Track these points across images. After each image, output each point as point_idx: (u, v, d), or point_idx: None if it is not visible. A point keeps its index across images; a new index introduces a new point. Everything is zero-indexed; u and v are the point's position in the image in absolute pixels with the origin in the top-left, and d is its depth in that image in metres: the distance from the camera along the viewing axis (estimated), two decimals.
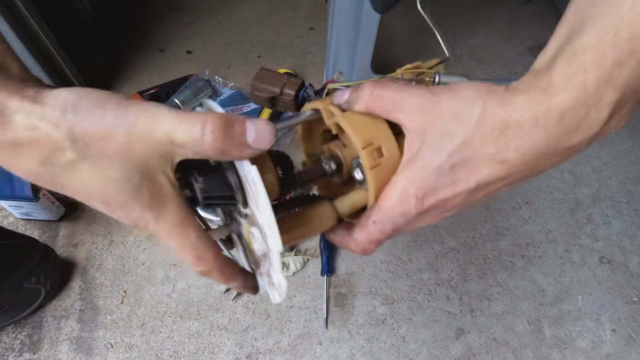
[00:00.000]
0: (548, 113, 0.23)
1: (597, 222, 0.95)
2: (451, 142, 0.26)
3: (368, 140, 0.29)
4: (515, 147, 0.24)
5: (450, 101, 0.26)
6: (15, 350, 0.76)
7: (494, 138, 0.25)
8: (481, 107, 0.25)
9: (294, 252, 0.88)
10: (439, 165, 0.26)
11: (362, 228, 0.30)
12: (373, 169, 0.29)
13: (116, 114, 0.23)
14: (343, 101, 0.30)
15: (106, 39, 1.31)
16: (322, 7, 1.43)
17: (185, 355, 0.76)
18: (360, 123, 0.29)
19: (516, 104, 0.24)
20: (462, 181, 0.26)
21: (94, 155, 0.23)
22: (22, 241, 0.77)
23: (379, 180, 0.29)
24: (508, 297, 0.84)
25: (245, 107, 1.14)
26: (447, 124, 0.26)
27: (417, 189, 0.27)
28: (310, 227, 0.31)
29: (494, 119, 0.25)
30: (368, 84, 0.29)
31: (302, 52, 1.31)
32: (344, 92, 0.30)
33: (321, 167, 0.33)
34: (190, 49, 1.30)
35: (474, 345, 0.78)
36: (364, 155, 0.29)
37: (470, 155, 0.26)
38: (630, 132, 1.12)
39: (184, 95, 1.09)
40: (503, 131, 0.24)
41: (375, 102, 0.29)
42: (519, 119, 0.24)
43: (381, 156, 0.29)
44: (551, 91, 0.23)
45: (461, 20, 1.41)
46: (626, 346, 0.79)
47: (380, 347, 0.78)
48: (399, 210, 0.28)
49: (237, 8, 1.44)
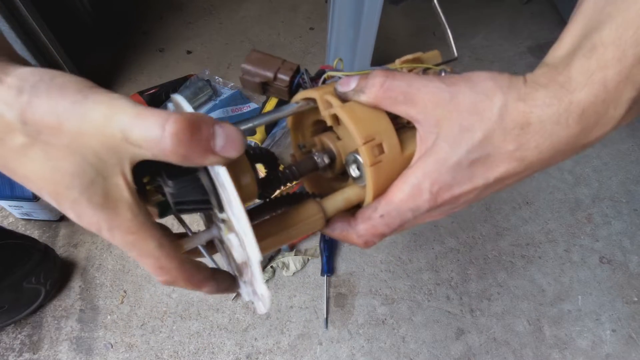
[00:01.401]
0: (570, 110, 0.23)
1: (597, 222, 0.95)
2: (471, 137, 0.25)
3: (369, 136, 0.27)
4: (535, 145, 0.24)
5: (469, 93, 0.25)
6: (15, 350, 0.76)
7: (515, 135, 0.24)
8: (502, 102, 0.24)
9: (294, 252, 0.88)
10: (458, 161, 0.25)
11: (367, 221, 0.28)
12: (373, 166, 0.27)
13: (73, 101, 0.21)
14: (350, 89, 0.28)
15: (106, 39, 1.31)
16: (322, 7, 1.43)
17: (185, 355, 0.76)
18: (360, 116, 0.27)
19: (537, 100, 0.23)
20: (478, 177, 0.26)
21: (44, 142, 0.21)
22: (22, 241, 0.77)
23: (379, 178, 0.27)
24: (508, 297, 0.84)
25: (245, 107, 1.15)
26: (466, 117, 0.25)
27: (432, 183, 0.26)
28: (295, 230, 0.28)
29: (515, 114, 0.24)
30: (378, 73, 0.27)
31: (302, 52, 1.31)
32: (350, 80, 0.28)
33: (313, 160, 0.30)
34: (190, 49, 1.30)
35: (474, 345, 0.78)
36: (365, 151, 0.27)
37: (489, 152, 0.25)
38: (630, 132, 1.12)
39: (184, 95, 1.09)
40: (524, 128, 0.24)
41: (385, 94, 0.27)
42: (541, 115, 0.23)
43: (382, 152, 0.27)
44: (571, 87, 0.23)
45: (461, 20, 1.41)
46: (626, 346, 0.79)
47: (380, 347, 0.78)
48: (410, 205, 0.27)
49: (237, 8, 1.44)
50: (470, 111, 0.25)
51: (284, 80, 0.37)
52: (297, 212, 0.29)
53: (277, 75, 0.38)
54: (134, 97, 1.08)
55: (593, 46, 0.23)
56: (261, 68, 0.39)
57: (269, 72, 0.38)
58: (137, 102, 0.22)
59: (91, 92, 0.21)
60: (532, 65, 1.33)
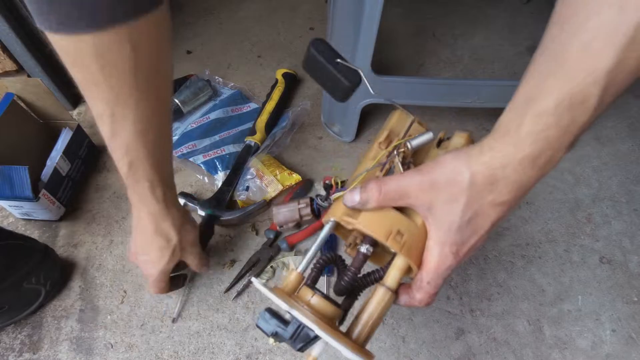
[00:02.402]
0: (523, 162, 0.31)
1: (597, 222, 0.95)
2: (458, 205, 0.33)
3: (388, 232, 0.36)
4: (508, 191, 0.32)
5: (442, 176, 0.33)
6: (15, 350, 0.76)
7: (489, 190, 0.32)
8: (469, 173, 0.32)
9: (294, 252, 0.88)
10: (459, 226, 0.34)
11: (420, 290, 0.38)
12: (402, 250, 0.36)
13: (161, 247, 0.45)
14: (356, 203, 0.37)
15: None
16: (322, 7, 1.43)
17: (185, 355, 0.76)
18: (374, 220, 0.36)
19: (496, 162, 0.32)
20: (480, 227, 0.34)
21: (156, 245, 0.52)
22: (22, 241, 0.77)
23: (411, 253, 0.36)
24: (508, 297, 0.84)
25: (245, 107, 1.15)
26: (448, 193, 0.33)
27: (450, 246, 0.35)
28: (380, 315, 0.38)
29: (482, 177, 0.32)
30: (373, 186, 0.36)
31: (302, 52, 1.30)
32: (353, 194, 0.37)
33: (361, 254, 0.40)
34: (190, 49, 1.30)
35: (474, 345, 0.78)
36: (390, 244, 0.35)
37: (476, 208, 0.33)
38: (630, 132, 1.12)
39: (184, 95, 1.09)
40: (493, 183, 0.32)
41: (385, 198, 0.35)
42: (503, 171, 0.32)
43: (402, 236, 0.36)
44: (521, 146, 0.31)
45: (461, 20, 1.41)
46: (626, 346, 0.79)
47: (380, 347, 0.78)
48: (444, 267, 0.36)
49: (237, 8, 1.44)
50: (449, 187, 0.33)
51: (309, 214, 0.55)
52: (373, 302, 0.38)
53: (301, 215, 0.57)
54: None
55: (537, 114, 0.30)
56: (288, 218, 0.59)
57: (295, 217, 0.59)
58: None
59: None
60: None
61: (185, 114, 1.10)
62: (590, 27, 0.27)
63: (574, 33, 0.28)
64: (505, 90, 0.94)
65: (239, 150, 1.02)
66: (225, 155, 1.02)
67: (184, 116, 1.10)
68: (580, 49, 0.28)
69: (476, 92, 0.95)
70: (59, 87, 1.08)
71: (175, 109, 1.08)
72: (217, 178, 0.99)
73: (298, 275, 0.40)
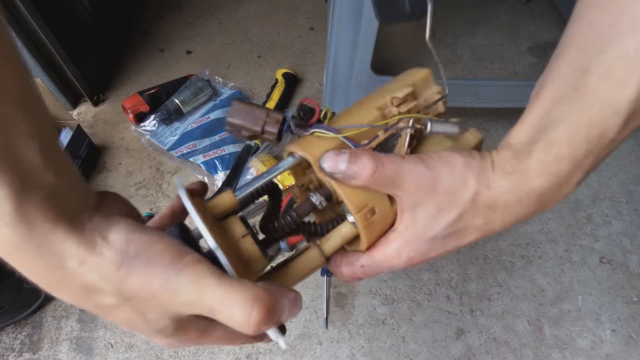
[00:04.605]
0: (529, 194, 0.28)
1: (597, 222, 0.95)
2: (447, 216, 0.29)
3: (362, 205, 0.30)
4: (501, 220, 0.29)
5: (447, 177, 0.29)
6: (15, 350, 0.76)
7: (484, 214, 0.29)
8: (474, 188, 0.28)
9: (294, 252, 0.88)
10: (434, 236, 0.30)
11: (349, 266, 0.33)
12: (366, 229, 0.31)
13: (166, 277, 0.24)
14: (338, 172, 0.29)
15: (106, 39, 1.32)
16: (322, 7, 1.43)
17: (185, 355, 0.76)
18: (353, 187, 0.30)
19: (503, 187, 0.28)
20: (450, 245, 0.31)
21: (133, 304, 0.24)
22: None
23: (372, 235, 0.31)
24: (508, 297, 0.84)
25: None
26: (443, 199, 0.29)
27: (410, 251, 0.31)
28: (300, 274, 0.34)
29: (484, 199, 0.28)
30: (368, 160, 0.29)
31: (302, 52, 1.31)
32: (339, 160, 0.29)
33: (310, 202, 0.33)
34: (190, 49, 1.30)
35: (474, 345, 0.78)
36: (358, 218, 0.30)
37: (461, 227, 0.29)
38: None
39: (184, 95, 1.09)
40: (491, 208, 0.29)
41: (376, 181, 0.29)
42: (506, 200, 0.28)
43: (373, 214, 0.31)
44: (531, 176, 0.28)
45: (461, 20, 1.41)
46: (626, 346, 0.79)
47: (380, 347, 0.78)
48: (388, 264, 0.32)
49: (237, 8, 1.44)
50: (448, 193, 0.29)
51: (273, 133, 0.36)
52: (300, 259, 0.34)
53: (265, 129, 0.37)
54: (133, 97, 1.08)
55: (550, 142, 0.27)
56: (247, 122, 0.37)
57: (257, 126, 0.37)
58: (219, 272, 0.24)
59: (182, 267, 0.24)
60: (532, 65, 1.33)
61: (185, 114, 1.10)
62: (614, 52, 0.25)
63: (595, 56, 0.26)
64: (505, 90, 0.94)
65: (239, 150, 1.02)
66: (225, 155, 1.02)
67: (184, 116, 1.10)
68: (602, 75, 0.25)
69: (476, 92, 0.95)
70: (59, 87, 1.08)
71: (175, 109, 1.08)
72: (217, 178, 0.99)
73: (232, 198, 0.31)
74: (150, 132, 1.07)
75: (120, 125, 1.11)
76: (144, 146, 1.06)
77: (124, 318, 0.25)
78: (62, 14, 1.18)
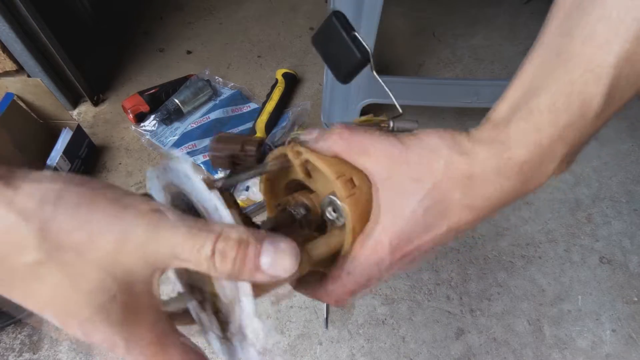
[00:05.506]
0: (508, 164, 0.26)
1: (597, 222, 0.95)
2: (421, 187, 0.27)
3: (340, 172, 0.28)
4: (482, 194, 0.27)
5: (417, 149, 0.27)
6: (15, 350, 0.76)
7: (462, 185, 0.26)
8: (447, 155, 0.27)
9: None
10: (413, 211, 0.27)
11: (336, 280, 0.29)
12: (349, 198, 0.28)
13: (108, 216, 0.19)
14: (311, 137, 0.29)
15: (106, 39, 1.32)
16: (322, 7, 1.43)
17: None
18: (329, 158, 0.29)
19: (479, 154, 0.26)
20: (434, 226, 0.27)
21: (63, 261, 0.18)
22: None
23: (356, 210, 0.29)
24: (508, 297, 0.84)
25: (245, 107, 1.15)
26: (415, 169, 0.27)
27: (392, 237, 0.27)
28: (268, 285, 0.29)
29: (459, 165, 0.26)
30: (339, 125, 0.29)
31: (302, 52, 1.31)
32: (313, 130, 0.30)
33: (289, 213, 0.31)
34: (190, 49, 1.30)
35: (474, 345, 0.78)
36: (339, 184, 0.28)
37: (440, 199, 0.27)
38: (630, 132, 1.12)
39: (184, 95, 1.09)
40: (468, 177, 0.26)
41: (344, 143, 0.28)
42: (483, 168, 0.26)
43: (354, 186, 0.29)
44: (510, 145, 0.26)
45: (461, 20, 1.41)
46: (626, 346, 0.79)
47: (380, 347, 0.78)
48: (374, 259, 0.28)
49: (237, 8, 1.44)
50: (419, 163, 0.27)
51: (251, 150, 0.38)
52: None
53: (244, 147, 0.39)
54: (133, 97, 1.08)
55: (530, 110, 0.25)
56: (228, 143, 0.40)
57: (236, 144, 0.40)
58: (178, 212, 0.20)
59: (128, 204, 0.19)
60: None
61: (185, 114, 1.10)
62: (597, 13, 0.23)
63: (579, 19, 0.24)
64: None
65: None
66: None
67: (184, 116, 1.10)
68: (584, 40, 0.24)
69: (476, 92, 0.95)
70: (59, 87, 1.08)
71: (175, 109, 1.08)
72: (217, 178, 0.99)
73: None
74: (150, 132, 1.07)
75: (120, 125, 1.11)
76: (144, 146, 1.06)
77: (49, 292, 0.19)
78: (62, 14, 1.18)
